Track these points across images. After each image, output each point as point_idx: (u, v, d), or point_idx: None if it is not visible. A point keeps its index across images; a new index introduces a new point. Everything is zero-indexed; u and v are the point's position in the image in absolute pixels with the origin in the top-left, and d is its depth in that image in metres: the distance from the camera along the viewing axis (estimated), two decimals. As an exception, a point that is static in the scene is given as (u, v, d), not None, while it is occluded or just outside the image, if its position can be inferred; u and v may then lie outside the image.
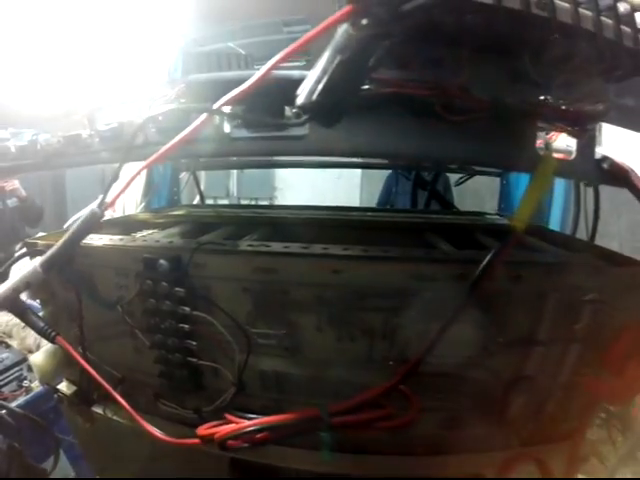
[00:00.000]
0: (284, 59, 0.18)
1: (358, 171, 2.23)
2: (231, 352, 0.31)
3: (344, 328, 0.30)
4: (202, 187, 0.74)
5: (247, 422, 0.25)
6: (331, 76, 0.17)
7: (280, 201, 2.42)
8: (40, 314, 0.44)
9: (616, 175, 0.30)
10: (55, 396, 0.48)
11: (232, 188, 2.39)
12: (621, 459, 0.54)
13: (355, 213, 0.61)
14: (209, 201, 1.11)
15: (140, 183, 0.60)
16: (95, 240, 0.38)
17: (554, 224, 0.75)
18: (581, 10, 0.22)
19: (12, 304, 0.33)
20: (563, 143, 0.38)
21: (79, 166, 0.36)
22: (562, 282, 0.30)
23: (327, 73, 0.17)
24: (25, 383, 0.84)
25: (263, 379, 0.32)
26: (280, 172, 2.39)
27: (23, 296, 0.43)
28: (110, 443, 0.46)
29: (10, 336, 0.97)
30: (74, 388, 0.47)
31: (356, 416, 0.27)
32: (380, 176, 1.04)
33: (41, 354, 0.46)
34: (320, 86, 0.17)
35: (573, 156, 0.30)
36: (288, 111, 0.27)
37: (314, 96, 0.17)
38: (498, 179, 0.81)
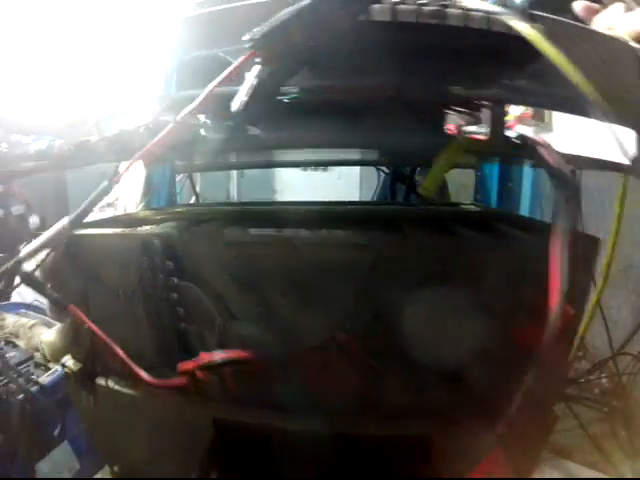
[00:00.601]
0: (223, 83, 0.26)
1: (357, 171, 2.33)
2: (213, 318, 0.38)
3: (306, 298, 0.38)
4: (203, 190, 0.83)
5: (218, 354, 0.33)
6: (251, 91, 0.25)
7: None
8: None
9: (526, 148, 0.37)
10: (63, 372, 0.56)
11: (232, 191, 2.51)
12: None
13: (338, 207, 0.69)
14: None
15: (140, 184, 0.69)
16: (100, 231, 0.47)
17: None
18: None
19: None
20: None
21: (88, 166, 0.44)
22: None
23: (249, 88, 0.25)
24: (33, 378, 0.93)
25: (241, 342, 0.40)
26: (280, 174, 2.50)
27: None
28: (110, 412, 0.54)
29: (17, 336, 1.04)
30: (79, 366, 0.55)
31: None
32: (378, 175, 1.13)
33: (52, 333, 0.54)
34: (244, 97, 0.25)
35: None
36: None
37: (240, 105, 0.25)
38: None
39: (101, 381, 0.53)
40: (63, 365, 0.55)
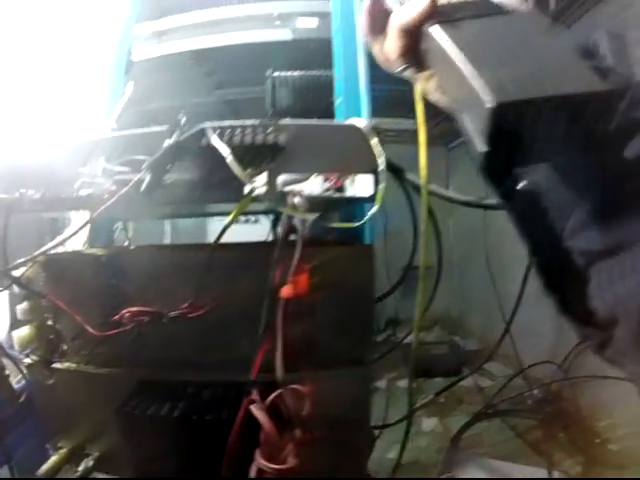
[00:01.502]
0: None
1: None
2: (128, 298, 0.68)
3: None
4: (136, 236, 1.12)
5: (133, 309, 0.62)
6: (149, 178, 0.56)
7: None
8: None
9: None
10: (27, 361, 0.81)
11: (167, 234, 2.85)
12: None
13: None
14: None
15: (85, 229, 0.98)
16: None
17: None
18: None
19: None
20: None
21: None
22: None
23: (148, 181, 0.56)
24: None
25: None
26: (212, 223, 2.82)
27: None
28: (63, 389, 0.80)
29: None
30: (39, 355, 0.81)
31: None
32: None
33: (22, 329, 0.81)
34: (147, 182, 0.56)
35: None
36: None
37: (143, 187, 0.56)
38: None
39: (58, 365, 0.79)
40: (27, 355, 0.81)
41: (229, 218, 0.56)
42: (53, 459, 0.80)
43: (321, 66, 1.21)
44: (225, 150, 0.52)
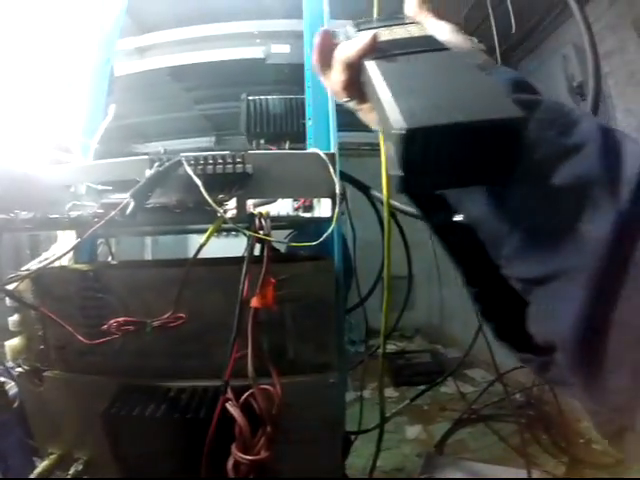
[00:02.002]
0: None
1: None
2: (115, 309, 0.77)
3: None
4: (119, 252, 1.21)
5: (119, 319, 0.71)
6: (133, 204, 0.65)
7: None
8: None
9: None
10: (17, 371, 0.89)
11: (148, 248, 2.92)
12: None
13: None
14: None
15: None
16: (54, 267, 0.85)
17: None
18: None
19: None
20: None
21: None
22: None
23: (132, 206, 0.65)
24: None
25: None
26: (193, 239, 2.91)
27: None
28: (52, 396, 0.88)
29: None
30: (30, 365, 0.89)
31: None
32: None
33: (14, 340, 0.89)
34: (131, 207, 0.65)
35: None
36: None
37: (128, 211, 0.65)
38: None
39: (47, 373, 0.88)
40: (19, 365, 0.89)
41: (204, 237, 0.65)
42: (44, 464, 0.87)
43: (294, 86, 1.31)
44: (197, 181, 0.62)
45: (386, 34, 0.42)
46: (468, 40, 0.40)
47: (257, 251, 0.68)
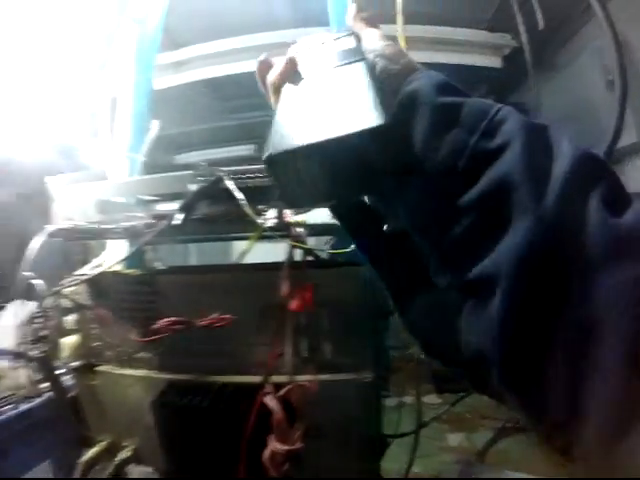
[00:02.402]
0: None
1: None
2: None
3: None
4: (164, 258, 1.29)
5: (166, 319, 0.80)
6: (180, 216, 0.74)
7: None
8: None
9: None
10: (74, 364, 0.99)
11: (192, 254, 3.08)
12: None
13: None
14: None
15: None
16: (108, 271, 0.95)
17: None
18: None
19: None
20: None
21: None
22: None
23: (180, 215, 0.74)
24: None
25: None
26: (237, 244, 3.03)
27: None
28: (104, 389, 0.98)
29: (1, 377, 1.37)
30: (83, 361, 1.00)
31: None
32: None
33: (70, 338, 0.99)
34: (178, 219, 0.73)
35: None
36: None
37: (176, 222, 0.73)
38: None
39: (101, 368, 0.98)
40: (74, 360, 1.00)
41: (246, 245, 0.73)
42: (93, 450, 0.97)
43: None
44: (239, 194, 0.70)
45: (315, 52, 0.42)
46: (391, 45, 0.39)
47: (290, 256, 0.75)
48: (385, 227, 0.38)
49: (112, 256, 0.96)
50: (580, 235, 0.24)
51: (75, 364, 0.99)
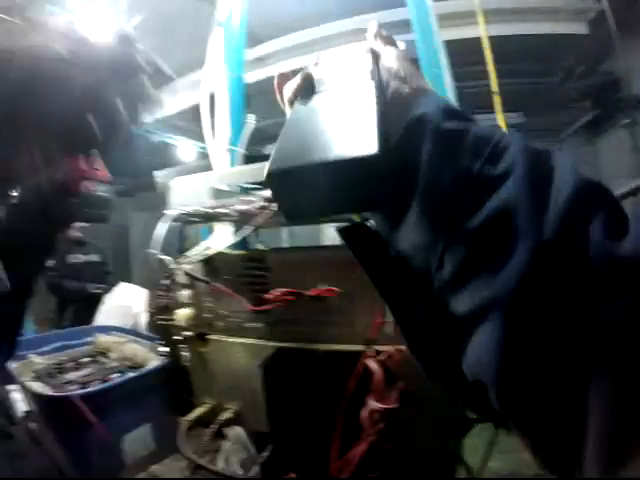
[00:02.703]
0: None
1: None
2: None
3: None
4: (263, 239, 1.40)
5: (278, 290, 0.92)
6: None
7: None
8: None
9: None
10: (188, 334, 1.14)
11: (285, 237, 3.29)
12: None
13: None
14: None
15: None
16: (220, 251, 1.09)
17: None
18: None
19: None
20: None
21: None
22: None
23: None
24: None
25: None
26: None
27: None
28: (214, 356, 1.12)
29: (109, 350, 1.38)
30: (196, 330, 1.14)
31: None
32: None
33: (186, 310, 1.14)
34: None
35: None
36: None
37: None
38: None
39: (212, 336, 1.12)
40: (188, 330, 1.15)
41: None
42: (199, 409, 1.09)
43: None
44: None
45: (331, 68, 0.44)
46: (407, 66, 0.40)
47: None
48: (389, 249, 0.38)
49: (220, 239, 1.09)
50: (580, 261, 0.25)
51: (189, 333, 1.13)
